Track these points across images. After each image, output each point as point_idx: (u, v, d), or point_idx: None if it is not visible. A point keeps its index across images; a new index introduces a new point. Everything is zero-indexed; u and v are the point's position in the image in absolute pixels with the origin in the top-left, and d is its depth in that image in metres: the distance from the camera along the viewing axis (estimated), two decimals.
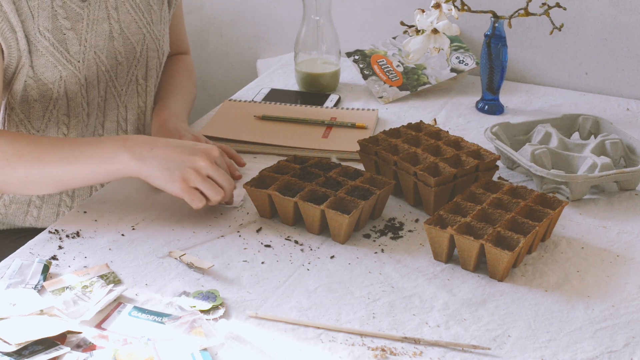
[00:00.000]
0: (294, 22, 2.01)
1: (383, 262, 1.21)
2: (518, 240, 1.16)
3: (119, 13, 1.43)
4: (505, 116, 1.70)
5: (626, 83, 1.82)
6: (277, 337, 1.05)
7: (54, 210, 1.47)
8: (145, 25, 1.48)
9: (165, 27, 1.54)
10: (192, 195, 1.25)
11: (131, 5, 1.45)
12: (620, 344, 1.05)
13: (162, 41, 1.52)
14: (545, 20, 1.61)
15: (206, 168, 1.25)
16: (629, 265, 1.21)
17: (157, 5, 1.50)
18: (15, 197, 1.45)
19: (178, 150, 1.25)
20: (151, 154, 1.24)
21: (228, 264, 1.20)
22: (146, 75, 1.51)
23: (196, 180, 1.24)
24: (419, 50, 1.54)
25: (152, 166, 1.24)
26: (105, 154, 1.24)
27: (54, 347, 1.00)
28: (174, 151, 1.25)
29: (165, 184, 1.24)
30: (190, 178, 1.24)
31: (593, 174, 1.35)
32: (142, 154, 1.24)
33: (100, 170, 1.24)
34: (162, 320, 1.06)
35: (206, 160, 1.25)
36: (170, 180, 1.24)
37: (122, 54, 1.45)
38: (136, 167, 1.24)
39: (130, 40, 1.46)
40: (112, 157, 1.24)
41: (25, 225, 1.48)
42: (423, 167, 1.30)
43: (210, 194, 1.25)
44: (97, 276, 1.14)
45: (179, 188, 1.24)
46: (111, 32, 1.42)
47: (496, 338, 1.06)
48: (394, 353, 1.03)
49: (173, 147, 1.26)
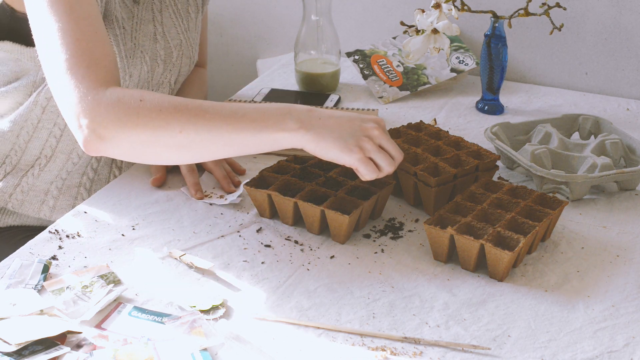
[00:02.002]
0: (294, 22, 2.01)
1: (383, 262, 1.21)
2: (518, 240, 1.16)
3: (163, 16, 1.45)
4: (505, 116, 1.70)
5: (626, 83, 1.82)
6: (277, 337, 1.05)
7: (70, 202, 1.47)
8: (183, 32, 1.49)
9: (198, 35, 1.56)
10: (369, 166, 1.17)
11: (173, 10, 1.47)
12: (620, 344, 1.05)
13: (194, 49, 1.54)
14: (545, 20, 1.61)
15: (379, 137, 1.18)
16: (629, 265, 1.21)
17: (194, 13, 1.52)
18: (35, 185, 1.45)
19: (347, 119, 1.17)
20: (320, 123, 1.15)
21: (228, 264, 1.20)
22: (177, 80, 1.51)
23: (372, 149, 1.16)
24: (419, 50, 1.54)
25: (324, 135, 1.15)
26: (270, 119, 1.15)
27: (54, 347, 1.00)
28: (343, 120, 1.17)
29: (341, 154, 1.15)
30: (367, 147, 1.16)
31: (593, 174, 1.35)
32: (311, 123, 1.15)
33: (262, 136, 1.14)
34: (162, 320, 1.06)
35: (379, 129, 1.18)
36: (346, 149, 1.15)
37: (161, 57, 1.46)
38: (306, 136, 1.15)
39: (169, 44, 1.47)
40: (277, 124, 1.14)
41: (40, 216, 1.47)
42: (423, 167, 1.30)
43: (385, 165, 1.18)
44: (97, 276, 1.14)
45: (357, 158, 1.16)
46: (155, 34, 1.43)
47: (496, 338, 1.06)
48: (394, 353, 1.03)
49: (341, 117, 1.17)
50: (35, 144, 1.41)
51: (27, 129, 1.40)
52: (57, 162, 1.43)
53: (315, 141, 1.15)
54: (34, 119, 1.39)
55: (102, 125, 1.12)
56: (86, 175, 1.46)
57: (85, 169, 1.46)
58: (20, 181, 1.44)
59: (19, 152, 1.42)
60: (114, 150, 1.15)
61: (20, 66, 1.37)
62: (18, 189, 1.45)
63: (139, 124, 1.12)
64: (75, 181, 1.46)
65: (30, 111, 1.38)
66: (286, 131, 1.15)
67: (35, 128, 1.40)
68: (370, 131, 1.17)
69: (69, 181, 1.46)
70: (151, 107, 1.13)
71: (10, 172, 1.44)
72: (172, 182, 1.41)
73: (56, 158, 1.43)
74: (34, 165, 1.43)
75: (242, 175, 1.44)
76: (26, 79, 1.37)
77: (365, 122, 1.18)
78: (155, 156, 1.17)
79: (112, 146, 1.14)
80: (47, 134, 1.40)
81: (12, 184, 1.44)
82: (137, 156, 1.18)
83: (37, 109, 1.38)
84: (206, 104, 1.15)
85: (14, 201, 1.45)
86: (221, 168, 1.41)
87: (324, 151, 1.16)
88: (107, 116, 1.12)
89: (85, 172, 1.46)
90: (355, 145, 1.16)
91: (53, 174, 1.44)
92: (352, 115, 1.19)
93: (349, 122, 1.17)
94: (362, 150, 1.16)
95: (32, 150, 1.42)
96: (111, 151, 1.15)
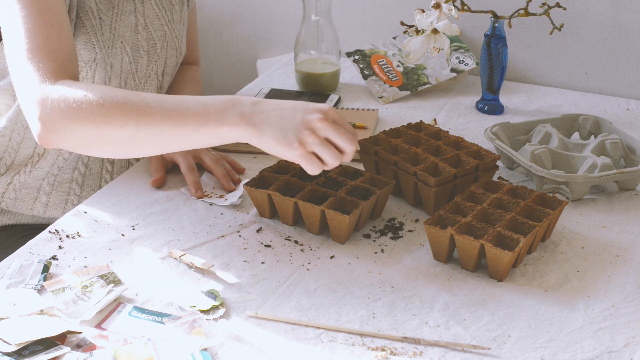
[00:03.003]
0: (294, 22, 2.01)
1: (383, 262, 1.21)
2: (518, 240, 1.16)
3: (145, 7, 1.45)
4: (505, 116, 1.70)
5: (626, 83, 1.82)
6: (277, 337, 1.05)
7: (63, 198, 1.47)
8: (167, 23, 1.49)
9: (184, 27, 1.56)
10: (310, 162, 1.13)
11: (156, 1, 1.47)
12: (620, 344, 1.05)
13: (180, 41, 1.54)
14: (545, 20, 1.61)
15: (323, 129, 1.12)
16: (629, 265, 1.21)
17: (178, 5, 1.53)
18: (27, 182, 1.45)
19: (290, 111, 1.13)
20: (261, 118, 1.12)
21: (228, 264, 1.20)
22: (163, 72, 1.51)
23: (313, 142, 1.11)
24: (419, 50, 1.54)
25: (265, 130, 1.12)
26: (212, 114, 1.13)
27: (54, 347, 1.00)
28: (286, 113, 1.12)
29: (282, 149, 1.12)
30: (308, 141, 1.11)
31: (593, 174, 1.35)
32: (252, 118, 1.12)
33: (204, 131, 1.13)
34: (162, 320, 1.06)
35: (323, 121, 1.12)
36: (286, 145, 1.11)
37: (144, 48, 1.46)
38: (247, 131, 1.12)
39: (152, 36, 1.47)
40: (219, 118, 1.12)
41: (33, 213, 1.47)
42: (423, 167, 1.30)
43: (328, 159, 1.13)
44: (97, 276, 1.14)
45: (297, 154, 1.12)
46: (136, 25, 1.43)
47: (496, 338, 1.06)
48: (394, 353, 1.03)
49: (284, 109, 1.13)
50: (27, 143, 1.42)
51: (18, 131, 1.41)
52: (48, 158, 1.44)
53: (256, 136, 1.13)
54: (24, 121, 1.39)
55: (49, 119, 1.14)
56: (77, 170, 1.47)
57: (77, 163, 1.46)
58: (12, 179, 1.45)
59: (13, 153, 1.43)
60: (65, 144, 1.16)
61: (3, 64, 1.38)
62: (10, 187, 1.45)
63: (81, 118, 1.13)
64: (66, 176, 1.46)
65: (19, 114, 1.39)
66: (228, 125, 1.12)
67: (26, 129, 1.40)
68: (314, 123, 1.12)
69: (60, 177, 1.46)
70: (93, 101, 1.13)
71: (5, 173, 1.44)
72: (172, 182, 1.41)
73: (48, 155, 1.43)
74: (27, 163, 1.44)
75: (242, 175, 1.44)
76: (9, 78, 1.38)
77: (309, 113, 1.13)
78: (101, 149, 1.18)
79: (62, 140, 1.15)
80: None
81: (5, 182, 1.45)
82: (87, 150, 1.18)
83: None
84: (150, 97, 1.14)
85: (7, 200, 1.46)
86: (221, 167, 1.41)
87: (267, 147, 1.13)
88: (53, 110, 1.14)
89: (77, 167, 1.46)
90: (296, 139, 1.11)
91: (44, 170, 1.44)
92: (297, 106, 1.14)
93: (292, 114, 1.13)
94: (302, 144, 1.12)
95: (25, 150, 1.42)
96: (63, 144, 1.16)
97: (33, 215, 1.48)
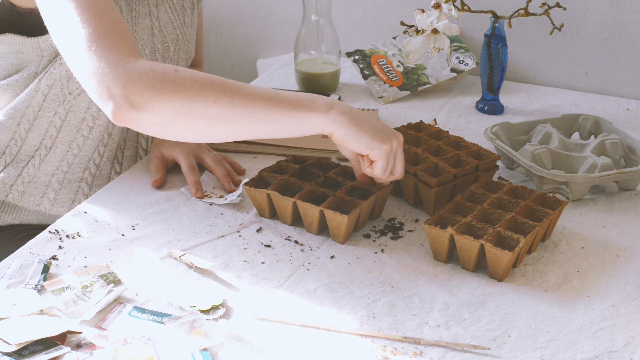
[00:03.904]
0: (294, 22, 2.01)
1: (383, 262, 1.21)
2: (518, 240, 1.16)
3: (159, 11, 1.46)
4: (505, 116, 1.70)
5: (626, 83, 1.82)
6: (277, 337, 1.05)
7: (71, 196, 1.47)
8: (180, 27, 1.50)
9: (194, 31, 1.56)
10: (389, 162, 1.22)
11: (169, 5, 1.48)
12: (620, 344, 1.05)
13: (191, 44, 1.55)
14: (545, 20, 1.61)
15: (399, 147, 1.23)
16: (629, 265, 1.21)
17: (189, 9, 1.53)
18: (36, 176, 1.44)
19: (378, 123, 1.22)
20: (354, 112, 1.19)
21: (228, 264, 1.20)
22: None
23: (397, 151, 1.22)
24: (419, 50, 1.54)
25: (356, 122, 1.18)
26: (302, 100, 1.16)
27: (54, 347, 1.00)
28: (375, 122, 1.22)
29: (372, 141, 1.19)
30: (395, 146, 1.22)
31: (593, 174, 1.35)
32: (343, 108, 1.18)
33: (294, 115, 1.16)
34: (162, 320, 1.06)
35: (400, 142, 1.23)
36: (379, 140, 1.19)
37: (159, 51, 1.47)
38: (339, 119, 1.17)
39: (166, 39, 1.48)
40: (310, 104, 1.17)
41: (40, 209, 1.47)
42: (423, 167, 1.30)
43: (398, 169, 1.24)
44: (97, 276, 1.14)
45: (385, 150, 1.20)
46: (152, 28, 1.44)
47: (496, 338, 1.06)
48: (394, 353, 1.03)
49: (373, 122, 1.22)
50: (35, 132, 1.41)
51: (27, 117, 1.40)
52: (57, 152, 1.43)
53: (348, 125, 1.17)
54: (35, 107, 1.39)
55: (135, 93, 1.10)
56: (88, 170, 1.47)
57: (88, 163, 1.46)
58: (22, 172, 1.44)
59: (19, 141, 1.42)
60: (146, 119, 1.12)
61: (21, 58, 1.37)
62: (19, 180, 1.45)
63: (174, 91, 1.11)
64: (77, 175, 1.46)
65: (32, 98, 1.38)
66: (317, 112, 1.16)
67: (36, 116, 1.40)
68: (399, 137, 1.23)
69: (70, 175, 1.46)
70: (186, 76, 1.12)
71: (11, 163, 1.44)
72: (172, 182, 1.41)
73: (56, 148, 1.43)
74: (34, 155, 1.43)
75: (242, 175, 1.44)
76: (27, 70, 1.37)
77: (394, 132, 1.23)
78: (186, 127, 1.15)
79: (145, 115, 1.11)
80: (47, 123, 1.40)
81: (13, 174, 1.44)
82: (168, 126, 1.15)
83: (39, 96, 1.38)
84: (239, 82, 1.16)
85: (15, 192, 1.45)
86: (222, 167, 1.41)
87: (355, 136, 1.18)
88: (141, 83, 1.10)
89: (87, 167, 1.46)
90: (389, 139, 1.20)
91: (54, 165, 1.44)
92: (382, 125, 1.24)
93: (382, 125, 1.22)
94: (392, 147, 1.21)
95: (32, 140, 1.42)
96: (143, 120, 1.12)
97: (39, 211, 1.47)
